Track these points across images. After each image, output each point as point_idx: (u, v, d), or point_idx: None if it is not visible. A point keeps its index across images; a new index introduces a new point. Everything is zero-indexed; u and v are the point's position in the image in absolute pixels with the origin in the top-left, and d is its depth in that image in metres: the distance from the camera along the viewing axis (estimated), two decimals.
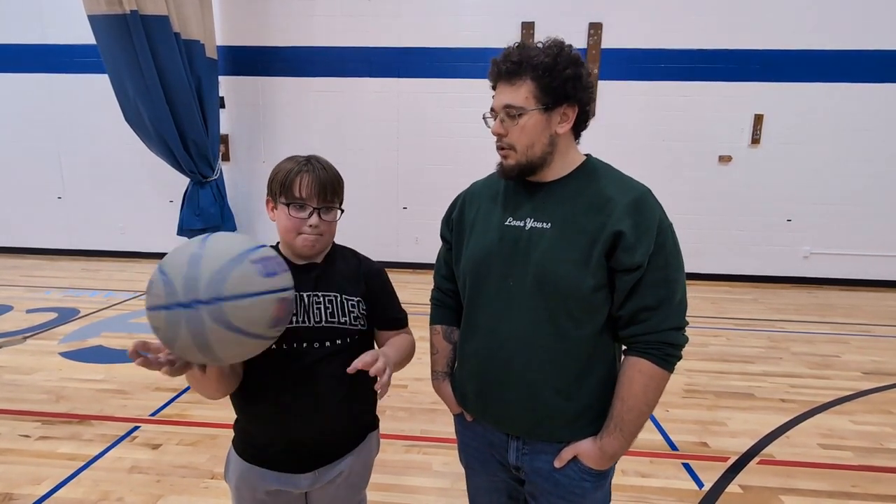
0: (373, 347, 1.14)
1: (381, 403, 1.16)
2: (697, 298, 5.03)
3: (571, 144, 0.99)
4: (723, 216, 5.68)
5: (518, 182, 1.00)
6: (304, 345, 1.02)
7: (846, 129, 5.41)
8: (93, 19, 4.58)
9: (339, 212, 1.07)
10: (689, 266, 4.23)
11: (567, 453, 0.96)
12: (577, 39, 5.42)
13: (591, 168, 0.99)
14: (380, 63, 5.62)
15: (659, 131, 5.55)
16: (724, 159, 5.59)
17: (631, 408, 0.92)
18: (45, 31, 5.74)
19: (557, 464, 0.97)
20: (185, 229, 5.56)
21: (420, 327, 1.24)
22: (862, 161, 5.46)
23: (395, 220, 5.93)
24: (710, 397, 2.82)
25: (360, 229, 6.16)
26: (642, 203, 0.91)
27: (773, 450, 2.31)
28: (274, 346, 0.97)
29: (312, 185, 1.00)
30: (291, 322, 1.00)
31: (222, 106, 5.69)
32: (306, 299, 1.03)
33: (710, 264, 5.76)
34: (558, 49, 0.91)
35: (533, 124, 0.92)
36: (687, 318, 0.94)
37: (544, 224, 0.94)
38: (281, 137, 5.90)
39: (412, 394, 2.77)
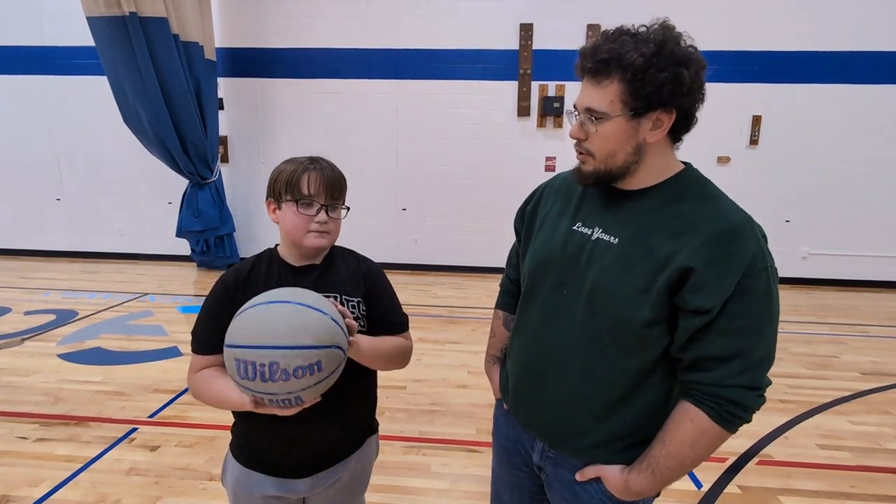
0: None
1: (380, 405, 1.16)
2: None
3: (665, 152, 0.86)
4: None
5: (591, 186, 0.91)
6: None
7: (844, 131, 5.43)
8: (91, 21, 4.58)
9: (345, 210, 1.08)
10: None
11: (590, 472, 0.90)
12: (576, 41, 5.43)
13: (685, 182, 0.86)
14: (379, 65, 5.63)
15: None
16: (723, 160, 5.60)
17: (671, 454, 0.81)
18: (43, 33, 5.74)
19: (579, 477, 0.91)
20: (184, 231, 5.56)
21: (419, 328, 1.24)
22: (860, 162, 5.47)
23: (395, 222, 5.93)
24: None
25: (359, 230, 6.16)
26: (732, 236, 0.77)
27: (772, 450, 2.31)
28: None
29: (320, 183, 1.01)
30: None
31: (221, 108, 5.69)
32: None
33: None
34: (658, 45, 0.76)
35: (616, 132, 0.80)
36: (770, 377, 0.80)
37: (612, 238, 0.85)
38: (280, 139, 5.90)
39: (411, 395, 2.77)
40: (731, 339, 0.76)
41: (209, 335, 1.00)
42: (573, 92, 5.51)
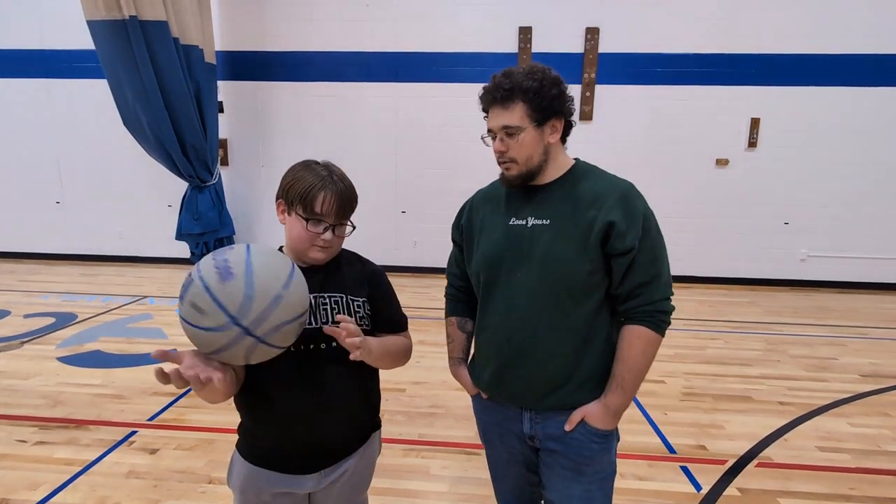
0: None
1: (380, 407, 1.17)
2: (695, 301, 5.04)
3: (561, 150, 1.14)
4: (720, 219, 5.69)
5: (517, 187, 1.14)
6: (311, 346, 1.03)
7: (843, 133, 5.44)
8: (92, 25, 4.60)
9: (350, 228, 1.10)
10: (687, 269, 4.26)
11: (576, 416, 1.09)
12: (575, 44, 5.45)
13: (581, 170, 1.14)
14: (378, 67, 5.64)
15: (656, 135, 5.58)
16: (722, 162, 5.61)
17: (630, 367, 1.06)
18: (43, 37, 5.76)
19: (568, 427, 1.10)
20: (184, 234, 5.57)
21: (418, 330, 1.25)
22: (858, 164, 5.49)
23: (394, 224, 5.93)
24: (708, 400, 2.82)
25: (358, 233, 6.12)
26: (629, 196, 1.07)
27: (772, 452, 2.31)
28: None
29: (333, 203, 1.02)
30: None
31: (221, 111, 5.71)
32: (313, 301, 1.03)
33: (707, 267, 5.77)
34: (542, 73, 1.05)
35: (529, 139, 1.06)
36: (672, 289, 1.09)
37: (544, 221, 1.09)
38: (279, 142, 5.91)
39: (410, 398, 2.77)
40: (648, 267, 1.05)
41: None
42: (572, 94, 5.52)
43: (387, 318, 1.16)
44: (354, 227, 1.10)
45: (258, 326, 0.82)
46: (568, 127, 1.13)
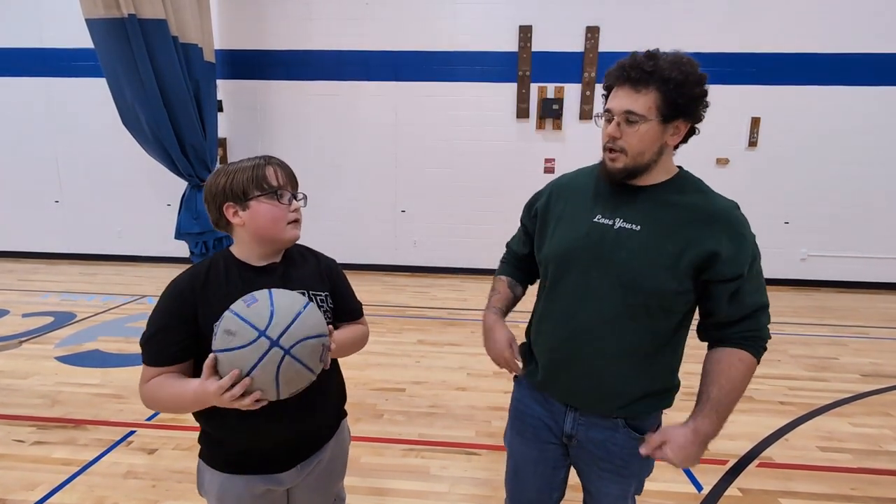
0: None
1: (380, 407, 1.16)
2: None
3: (671, 156, 1.03)
4: None
5: (616, 182, 1.04)
6: None
7: (843, 132, 5.43)
8: (90, 23, 4.58)
9: (304, 199, 1.08)
10: None
11: (656, 440, 1.00)
12: (575, 43, 5.45)
13: (686, 180, 1.05)
14: (377, 66, 5.63)
15: None
16: (722, 162, 5.61)
17: (729, 392, 0.98)
18: (42, 35, 5.75)
19: (644, 451, 1.01)
20: (183, 233, 5.55)
21: (418, 330, 1.23)
22: (859, 164, 5.48)
23: (393, 224, 5.92)
24: None
25: (358, 232, 6.18)
26: (736, 222, 0.98)
27: (773, 452, 2.30)
28: None
29: (284, 174, 1.03)
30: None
31: (220, 110, 5.69)
32: None
33: None
34: (689, 66, 0.94)
35: (649, 133, 0.95)
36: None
37: (634, 226, 1.00)
38: (279, 141, 5.90)
39: (410, 397, 2.76)
40: (755, 295, 0.99)
41: (165, 346, 0.96)
42: (572, 94, 5.51)
43: (348, 308, 1.18)
44: (306, 196, 1.09)
45: (283, 337, 0.86)
46: (690, 133, 1.02)
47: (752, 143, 5.53)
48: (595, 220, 1.04)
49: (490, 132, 5.68)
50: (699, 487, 2.02)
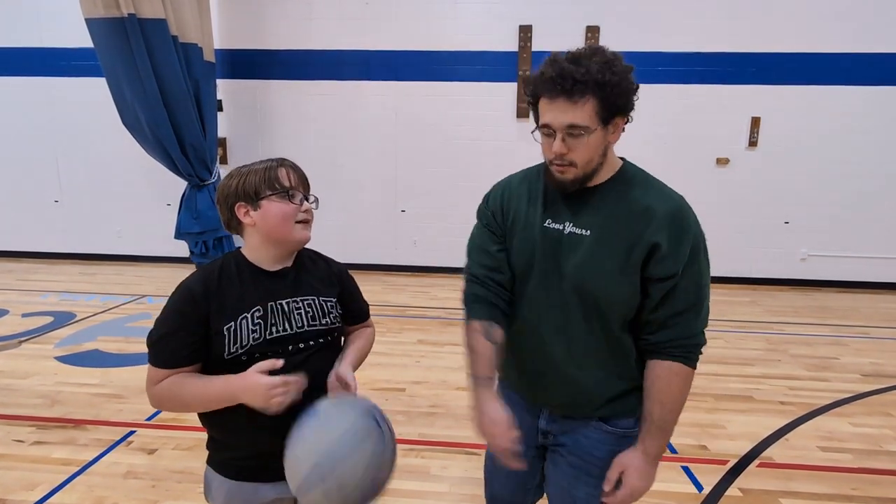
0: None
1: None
2: None
3: (612, 151, 1.01)
4: (720, 218, 5.67)
5: (570, 192, 1.01)
6: (290, 348, 1.02)
7: (843, 132, 5.43)
8: (90, 23, 4.57)
9: (316, 201, 1.09)
10: None
11: (613, 474, 1.01)
12: (575, 42, 5.41)
13: (629, 174, 1.02)
14: (377, 66, 5.63)
15: (657, 133, 5.56)
16: (722, 162, 5.60)
17: (672, 409, 0.98)
18: (42, 35, 5.74)
19: (607, 487, 1.02)
20: (183, 233, 5.55)
21: (419, 330, 1.24)
22: (859, 163, 5.48)
23: (394, 223, 5.92)
24: (709, 400, 2.81)
25: (358, 232, 6.17)
26: (680, 214, 0.96)
27: (773, 452, 2.30)
28: (247, 359, 0.96)
29: (295, 175, 1.04)
30: (271, 332, 1.00)
31: (220, 109, 5.69)
32: (285, 306, 1.02)
33: None
34: (620, 64, 0.89)
35: (594, 141, 0.92)
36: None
37: (583, 231, 0.98)
38: (279, 141, 5.90)
39: (410, 397, 2.76)
40: (688, 295, 0.95)
41: (176, 348, 0.96)
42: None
43: (356, 311, 1.21)
44: (318, 199, 1.10)
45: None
46: (627, 123, 0.98)
47: (753, 142, 5.52)
48: (546, 224, 1.02)
49: (490, 132, 5.68)
50: (699, 487, 2.02)
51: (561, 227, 1.00)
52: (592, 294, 0.97)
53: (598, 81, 0.86)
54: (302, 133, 5.84)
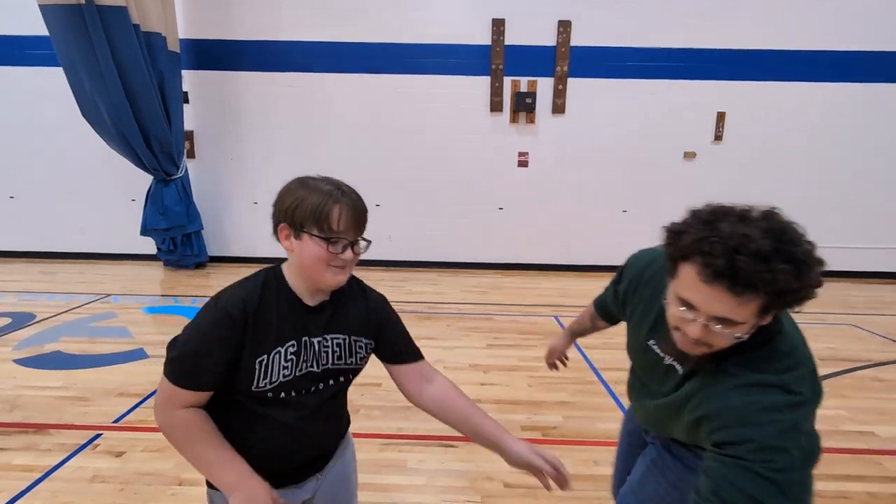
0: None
1: (356, 402, 1.16)
2: None
3: None
4: (685, 208, 5.85)
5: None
6: (313, 388, 0.99)
7: (804, 126, 5.66)
8: (45, 9, 4.36)
9: (366, 244, 0.97)
10: None
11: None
12: (547, 37, 5.49)
13: (752, 351, 0.82)
14: (350, 59, 5.55)
15: (627, 127, 5.68)
16: (689, 155, 5.76)
17: None
18: None
19: None
20: (149, 229, 5.38)
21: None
22: (820, 157, 5.72)
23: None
24: None
25: None
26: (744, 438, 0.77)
27: None
28: (273, 395, 0.94)
29: (350, 217, 0.91)
30: (301, 369, 0.96)
31: (186, 101, 5.51)
32: (316, 345, 0.98)
33: None
34: (813, 269, 0.74)
35: (743, 330, 0.76)
36: None
37: (680, 368, 0.93)
38: (248, 134, 5.76)
39: (386, 392, 2.75)
40: None
41: (203, 371, 0.90)
42: (545, 87, 5.56)
43: (402, 349, 1.11)
44: (370, 243, 0.97)
45: None
46: None
47: (718, 136, 5.70)
48: (649, 343, 0.99)
49: (464, 125, 5.68)
50: None
51: (662, 357, 0.97)
52: (666, 426, 1.03)
53: (779, 289, 0.70)
54: (272, 126, 5.72)
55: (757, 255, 0.69)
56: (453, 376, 3.21)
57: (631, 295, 1.06)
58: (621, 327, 1.21)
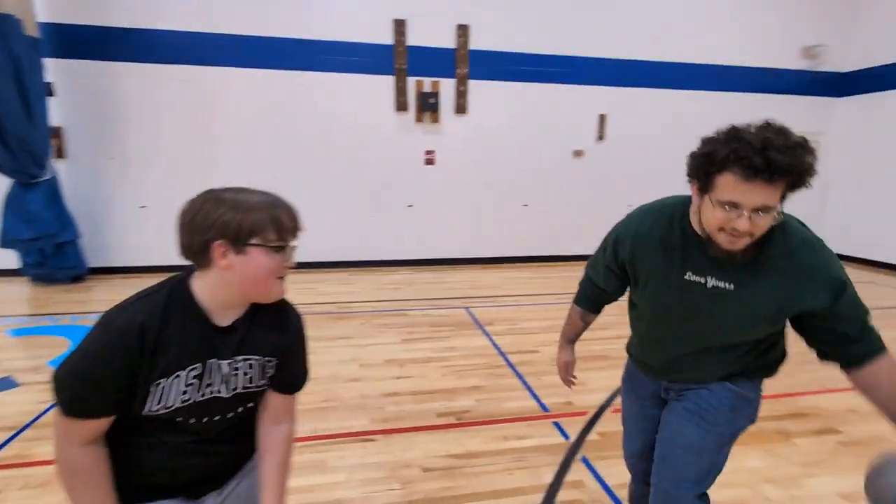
0: None
1: None
2: (556, 278, 5.67)
3: None
4: (579, 203, 6.44)
5: (696, 236, 1.07)
6: (217, 415, 0.94)
7: (671, 127, 6.49)
8: None
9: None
10: (549, 249, 4.77)
11: None
12: (446, 39, 5.67)
13: (782, 233, 1.03)
14: (244, 52, 5.29)
15: (523, 127, 6.08)
16: (578, 153, 6.32)
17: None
18: None
19: None
20: (11, 240, 4.69)
21: (307, 326, 1.18)
22: (684, 153, 6.59)
23: None
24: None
25: None
26: (833, 279, 1.00)
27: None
28: (168, 418, 0.89)
29: (294, 224, 0.90)
30: (204, 394, 0.90)
31: (51, 94, 4.87)
32: (226, 367, 0.92)
33: (567, 246, 6.50)
34: (813, 152, 0.92)
35: (774, 216, 0.95)
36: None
37: (727, 285, 1.05)
38: (130, 131, 5.24)
39: (302, 394, 2.70)
40: (856, 313, 1.03)
41: (98, 400, 0.83)
42: (448, 88, 5.75)
43: (289, 380, 1.04)
44: (296, 245, 0.95)
45: None
46: None
47: (601, 136, 6.32)
48: (686, 277, 1.09)
49: (370, 124, 5.69)
50: (566, 436, 2.34)
51: (703, 281, 1.07)
52: (731, 338, 1.11)
53: (801, 170, 0.90)
54: (157, 123, 5.26)
55: (781, 148, 0.87)
56: (370, 373, 3.27)
57: (640, 252, 1.17)
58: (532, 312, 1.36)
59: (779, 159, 0.87)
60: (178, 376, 0.86)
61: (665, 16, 6.15)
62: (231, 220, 0.84)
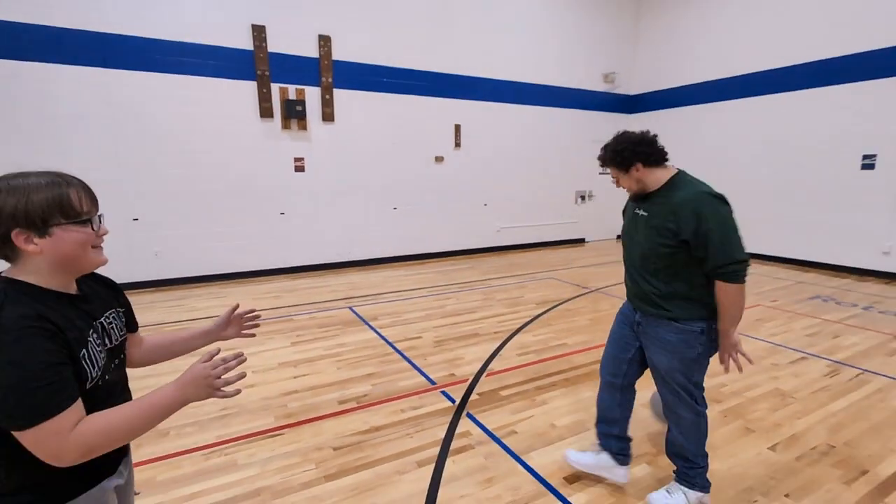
0: None
1: (164, 425, 1.21)
2: (431, 273, 6.23)
3: (654, 173, 1.78)
4: (441, 204, 7.09)
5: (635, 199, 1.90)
6: (112, 366, 1.02)
7: (519, 136, 7.53)
8: None
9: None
10: (417, 247, 5.46)
11: (723, 354, 1.78)
12: (308, 49, 5.77)
13: (672, 182, 1.76)
14: (80, 48, 4.72)
15: (388, 135, 6.48)
16: (439, 159, 6.95)
17: (729, 307, 1.70)
18: None
19: (724, 364, 1.80)
20: None
21: (198, 353, 1.19)
22: (531, 159, 7.69)
23: (125, 234, 5.14)
24: (451, 342, 3.74)
25: None
26: (685, 201, 1.67)
27: (493, 365, 3.31)
28: (101, 384, 0.95)
29: (88, 196, 0.94)
30: (103, 353, 0.97)
31: None
32: (105, 324, 1.02)
33: (435, 244, 7.13)
34: (617, 142, 1.78)
35: (625, 180, 1.82)
36: (741, 253, 1.67)
37: (645, 213, 1.80)
38: None
39: (196, 407, 2.67)
40: (713, 238, 1.64)
41: (65, 382, 0.84)
42: (313, 96, 5.87)
43: (134, 318, 1.18)
44: (102, 215, 1.00)
45: None
46: (652, 160, 1.75)
47: (458, 144, 7.04)
48: (635, 211, 1.87)
49: (234, 131, 5.51)
50: (452, 400, 2.80)
51: (640, 212, 1.83)
52: (647, 245, 1.77)
53: (606, 158, 1.82)
54: None
55: (603, 148, 1.84)
56: (265, 377, 3.39)
57: (627, 206, 1.98)
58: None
59: (600, 155, 1.86)
60: (89, 340, 0.93)
61: (500, 41, 7.12)
62: (20, 208, 0.84)
